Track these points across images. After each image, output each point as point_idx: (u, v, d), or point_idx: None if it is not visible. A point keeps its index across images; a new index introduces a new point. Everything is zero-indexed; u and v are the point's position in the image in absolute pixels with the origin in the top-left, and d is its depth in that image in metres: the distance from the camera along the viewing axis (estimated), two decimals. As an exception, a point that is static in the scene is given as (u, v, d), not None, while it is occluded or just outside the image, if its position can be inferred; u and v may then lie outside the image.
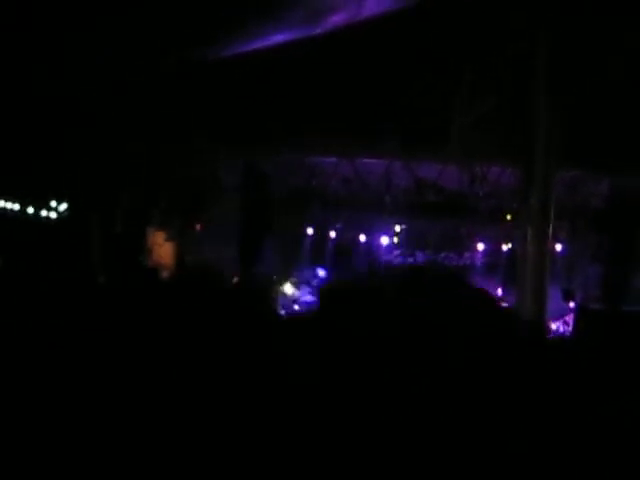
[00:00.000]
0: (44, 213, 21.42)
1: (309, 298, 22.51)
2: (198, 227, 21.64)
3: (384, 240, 24.84)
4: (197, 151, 20.15)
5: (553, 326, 18.73)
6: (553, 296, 16.56)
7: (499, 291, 23.60)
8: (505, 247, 24.21)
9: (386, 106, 16.87)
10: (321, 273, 23.88)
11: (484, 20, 14.69)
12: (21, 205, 21.12)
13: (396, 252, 25.07)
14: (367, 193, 22.55)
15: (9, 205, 21.02)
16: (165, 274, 19.13)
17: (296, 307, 22.09)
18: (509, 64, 14.99)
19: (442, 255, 24.89)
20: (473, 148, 16.49)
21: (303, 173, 22.61)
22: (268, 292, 19.67)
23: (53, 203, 21.41)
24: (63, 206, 21.35)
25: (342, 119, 17.36)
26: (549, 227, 14.45)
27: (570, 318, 18.52)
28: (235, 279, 19.21)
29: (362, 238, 24.88)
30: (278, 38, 13.11)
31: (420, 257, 24.95)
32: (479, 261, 24.98)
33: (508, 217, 21.73)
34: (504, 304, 22.68)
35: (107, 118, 16.83)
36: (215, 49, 12.89)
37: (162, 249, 20.55)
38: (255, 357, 5.75)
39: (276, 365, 5.67)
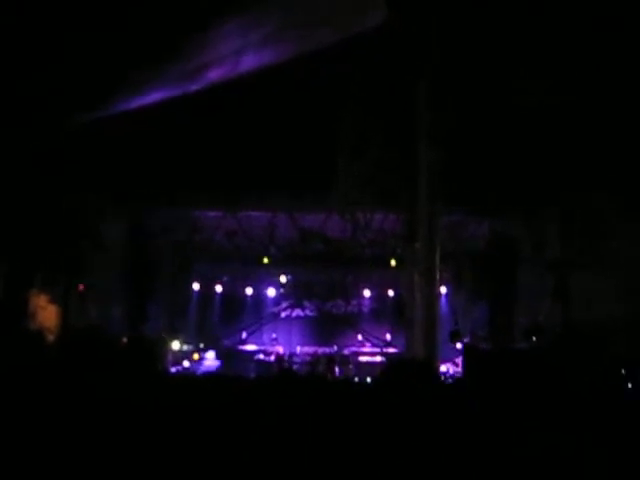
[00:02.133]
0: None
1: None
2: (81, 288, 21.21)
3: (271, 292, 24.87)
4: (78, 208, 19.83)
5: (443, 368, 18.89)
6: (440, 338, 16.71)
7: (387, 336, 23.77)
8: (391, 292, 24.43)
9: (268, 158, 16.91)
10: None
11: (364, 70, 14.87)
12: None
13: (284, 303, 25.09)
14: (252, 245, 22.52)
15: None
16: (50, 338, 18.70)
17: (186, 364, 21.85)
18: (390, 112, 15.20)
19: (330, 304, 24.97)
20: (355, 196, 16.63)
21: (186, 228, 22.46)
22: (157, 350, 19.41)
23: None
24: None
25: (224, 172, 17.34)
26: (436, 270, 14.58)
27: (459, 359, 18.71)
28: (124, 339, 18.98)
29: (249, 291, 24.87)
30: (156, 96, 13.08)
31: (308, 307, 25.01)
32: (366, 307, 25.15)
33: (392, 262, 21.90)
34: (394, 349, 22.97)
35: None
36: (97, 107, 12.80)
37: (46, 312, 20.05)
38: (149, 416, 5.66)
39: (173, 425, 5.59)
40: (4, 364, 6.75)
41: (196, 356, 22.55)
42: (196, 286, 24.61)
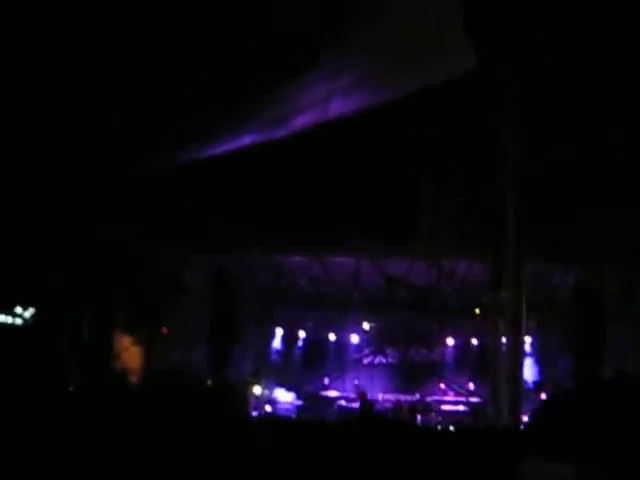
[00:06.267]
0: (9, 319, 21.20)
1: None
2: (165, 331, 21.43)
3: (354, 338, 24.72)
4: (163, 253, 20.07)
5: (525, 419, 18.59)
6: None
7: (471, 385, 23.47)
8: (475, 341, 24.13)
9: (353, 204, 16.93)
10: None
11: (450, 118, 14.84)
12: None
13: (366, 350, 24.93)
14: (336, 291, 22.52)
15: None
16: (133, 378, 18.89)
17: (268, 408, 21.86)
18: (475, 157, 15.13)
19: (412, 351, 24.74)
20: (442, 244, 16.54)
21: (270, 273, 22.56)
22: (241, 394, 19.45)
23: (18, 309, 21.20)
24: (28, 312, 21.13)
25: (309, 218, 17.40)
26: (522, 319, 14.42)
27: (542, 410, 18.34)
28: (208, 382, 19.06)
29: (332, 337, 24.74)
30: (245, 140, 13.18)
31: (390, 354, 24.82)
32: (449, 356, 24.87)
33: (477, 311, 21.67)
34: (477, 398, 22.67)
35: (71, 223, 16.76)
36: (184, 153, 12.94)
37: (129, 354, 20.30)
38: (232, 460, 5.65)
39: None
40: (87, 403, 6.80)
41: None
42: (279, 331, 24.62)
